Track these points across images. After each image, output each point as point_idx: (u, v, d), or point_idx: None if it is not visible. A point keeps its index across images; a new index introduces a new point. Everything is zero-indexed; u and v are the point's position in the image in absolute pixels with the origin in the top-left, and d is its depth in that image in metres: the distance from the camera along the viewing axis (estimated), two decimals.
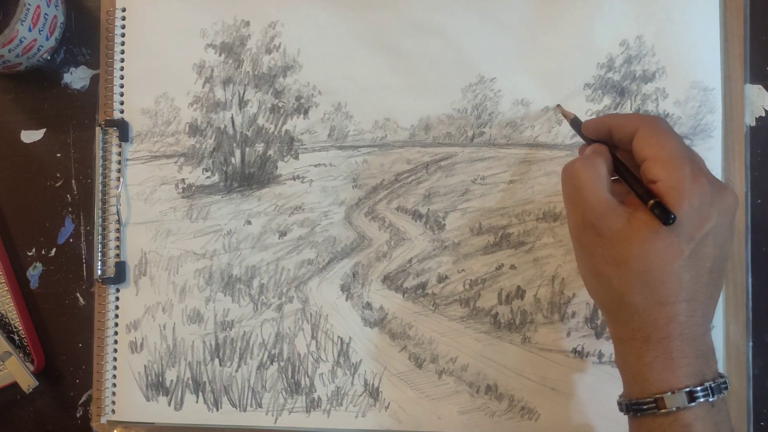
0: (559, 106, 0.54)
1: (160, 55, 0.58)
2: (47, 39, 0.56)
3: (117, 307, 0.57)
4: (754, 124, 0.53)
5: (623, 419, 0.52)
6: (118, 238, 0.57)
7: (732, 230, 0.41)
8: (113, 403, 0.57)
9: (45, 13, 0.55)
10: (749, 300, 0.52)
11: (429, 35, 0.55)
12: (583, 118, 0.54)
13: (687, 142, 0.52)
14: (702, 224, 0.39)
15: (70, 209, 0.59)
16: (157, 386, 0.57)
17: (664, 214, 0.38)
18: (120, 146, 0.58)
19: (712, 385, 0.38)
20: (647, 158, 0.40)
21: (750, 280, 0.52)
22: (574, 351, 0.53)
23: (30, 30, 0.54)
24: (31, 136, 0.60)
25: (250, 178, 0.57)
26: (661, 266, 0.38)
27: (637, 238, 0.39)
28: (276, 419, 0.55)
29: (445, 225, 0.55)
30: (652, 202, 0.39)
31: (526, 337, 0.53)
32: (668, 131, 0.41)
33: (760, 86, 0.53)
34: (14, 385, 0.56)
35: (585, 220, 0.41)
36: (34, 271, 0.59)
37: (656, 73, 0.53)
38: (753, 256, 0.52)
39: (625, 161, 0.43)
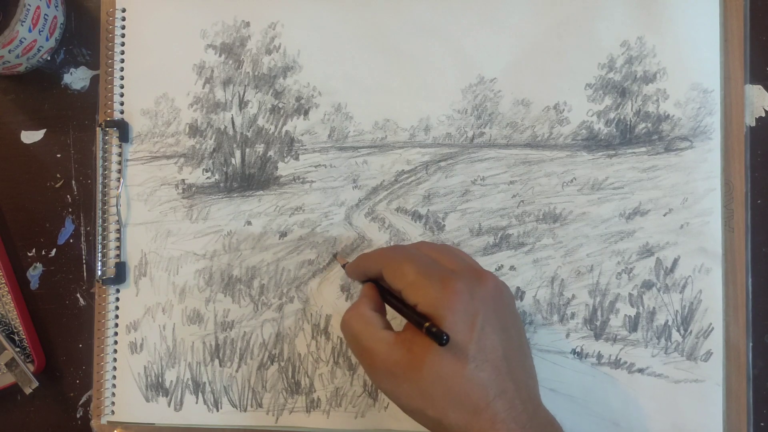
0: (335, 255, 0.55)
1: (160, 55, 0.58)
2: (47, 40, 0.56)
3: (117, 308, 0.57)
4: (754, 124, 0.53)
5: (622, 420, 0.52)
6: (118, 239, 0.57)
7: (506, 306, 0.42)
8: (113, 403, 0.57)
9: (45, 14, 0.55)
10: (749, 300, 0.52)
11: (429, 35, 0.55)
12: (585, 118, 0.54)
13: (686, 143, 0.53)
14: (472, 323, 0.39)
15: (70, 210, 0.59)
16: (156, 387, 0.57)
17: (438, 337, 0.38)
18: (120, 147, 0.58)
19: None
20: (400, 289, 0.42)
21: (750, 280, 0.52)
22: (573, 352, 0.53)
23: (30, 31, 0.54)
24: (31, 137, 0.60)
25: (250, 179, 0.57)
26: (456, 379, 0.39)
27: (423, 364, 0.39)
28: (277, 419, 0.55)
29: (444, 226, 0.55)
30: (426, 325, 0.39)
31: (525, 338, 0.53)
32: (406, 259, 0.43)
33: (760, 86, 0.53)
34: (14, 386, 0.56)
35: (374, 366, 0.42)
36: (34, 272, 0.59)
37: (657, 74, 0.53)
38: (753, 257, 0.52)
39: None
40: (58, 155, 0.59)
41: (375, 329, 0.42)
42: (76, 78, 0.59)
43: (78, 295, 0.59)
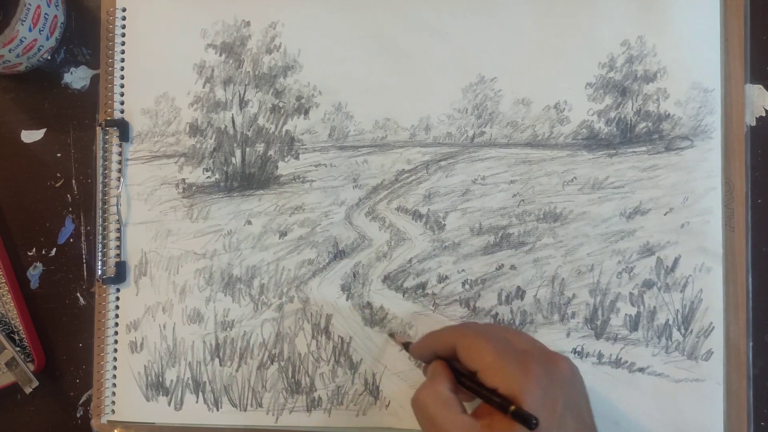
0: (391, 335, 0.54)
1: (160, 55, 0.58)
2: (47, 39, 0.56)
3: (117, 307, 0.57)
4: (754, 124, 0.53)
5: (623, 420, 0.52)
6: (118, 238, 0.57)
7: (579, 389, 0.42)
8: (113, 403, 0.57)
9: (45, 13, 0.55)
10: (749, 300, 0.52)
11: (429, 35, 0.55)
12: (585, 118, 0.54)
13: (687, 143, 0.53)
14: (554, 408, 0.39)
15: (70, 209, 0.59)
16: (157, 386, 0.57)
17: (527, 420, 0.38)
18: (120, 146, 0.58)
19: None
20: (477, 370, 0.41)
21: (750, 280, 0.52)
22: (574, 351, 0.53)
23: (30, 30, 0.54)
24: (31, 136, 0.59)
25: (250, 178, 0.57)
26: None
27: None
28: (277, 419, 0.55)
29: (445, 225, 0.55)
30: (512, 409, 0.39)
31: None
32: (483, 337, 0.42)
33: (760, 86, 0.53)
34: (14, 385, 0.56)
35: None
36: (35, 271, 0.59)
37: (657, 73, 0.53)
38: (753, 256, 0.52)
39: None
40: (59, 154, 0.59)
41: (453, 413, 0.41)
42: (77, 77, 0.59)
43: (78, 295, 0.59)
